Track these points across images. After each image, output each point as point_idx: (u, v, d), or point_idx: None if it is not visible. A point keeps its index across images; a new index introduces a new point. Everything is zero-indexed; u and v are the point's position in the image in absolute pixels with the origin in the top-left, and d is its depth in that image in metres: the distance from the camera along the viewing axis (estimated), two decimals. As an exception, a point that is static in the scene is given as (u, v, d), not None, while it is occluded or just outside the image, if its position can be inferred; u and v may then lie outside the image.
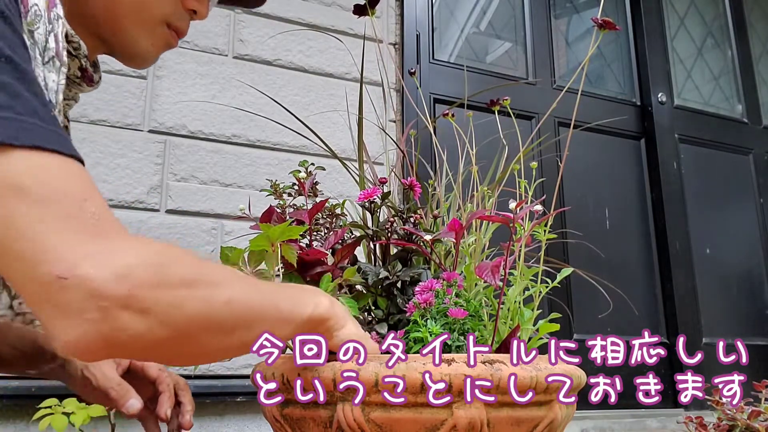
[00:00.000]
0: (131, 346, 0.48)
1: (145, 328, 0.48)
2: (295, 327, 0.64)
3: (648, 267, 2.45)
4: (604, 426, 1.94)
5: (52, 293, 0.45)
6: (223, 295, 0.54)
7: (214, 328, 0.54)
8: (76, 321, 0.45)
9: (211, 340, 0.54)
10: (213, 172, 1.73)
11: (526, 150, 1.03)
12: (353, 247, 0.88)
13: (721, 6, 3.00)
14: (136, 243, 0.51)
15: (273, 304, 0.61)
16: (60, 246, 0.45)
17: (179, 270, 0.52)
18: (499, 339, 0.79)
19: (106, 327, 0.46)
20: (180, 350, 0.53)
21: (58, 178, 0.48)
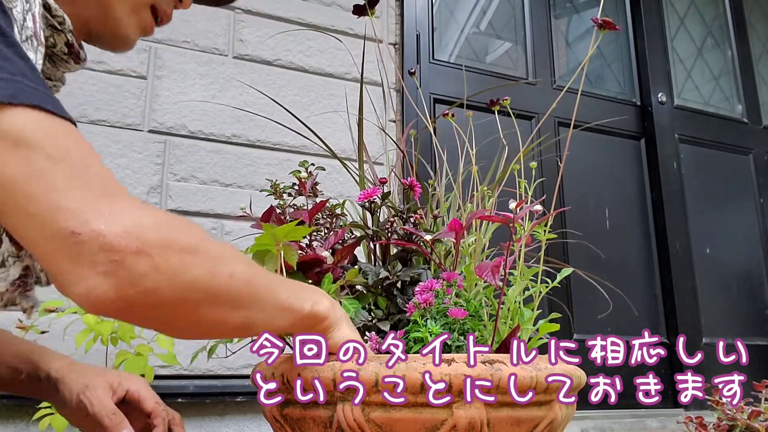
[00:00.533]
0: (139, 303, 0.50)
1: (153, 285, 0.49)
2: (294, 319, 0.64)
3: (648, 267, 2.45)
4: (604, 426, 1.94)
5: (65, 248, 0.47)
6: (227, 268, 0.56)
7: (215, 298, 0.55)
8: (88, 273, 0.47)
9: (213, 311, 0.55)
10: (213, 172, 1.73)
11: (526, 150, 1.03)
12: (353, 247, 0.88)
13: (721, 6, 3.00)
14: (145, 205, 0.52)
15: (274, 290, 0.62)
16: (73, 203, 0.47)
17: (187, 236, 0.53)
18: (499, 339, 0.79)
19: (117, 280, 0.48)
20: (182, 316, 0.54)
21: (63, 137, 0.50)
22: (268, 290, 0.61)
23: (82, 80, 1.63)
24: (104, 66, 1.66)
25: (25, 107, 0.48)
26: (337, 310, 0.70)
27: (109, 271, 0.47)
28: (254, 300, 0.59)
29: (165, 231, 0.51)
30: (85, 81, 1.63)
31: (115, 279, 0.48)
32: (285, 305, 0.63)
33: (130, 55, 1.70)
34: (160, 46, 1.75)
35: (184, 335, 0.61)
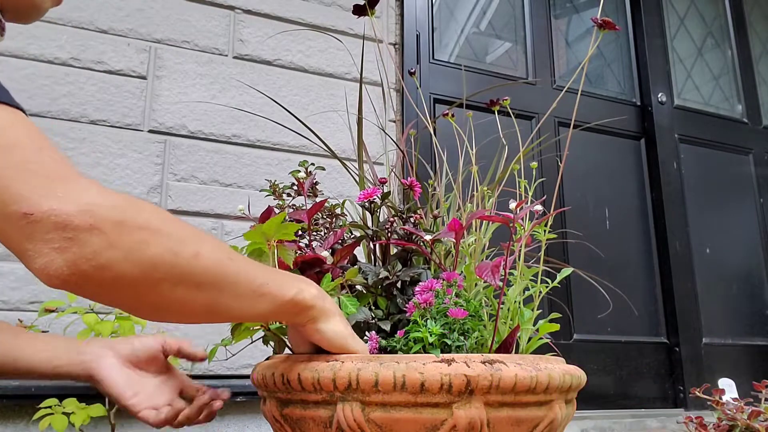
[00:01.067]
0: (95, 278, 0.51)
1: (107, 261, 0.50)
2: (273, 305, 0.64)
3: (648, 267, 2.45)
4: (604, 426, 1.94)
5: (20, 228, 0.48)
6: (190, 248, 0.56)
7: (179, 277, 0.55)
8: (44, 250, 0.49)
9: (176, 290, 0.55)
10: (213, 172, 1.73)
11: (526, 150, 1.03)
12: (353, 247, 0.88)
13: (721, 6, 3.00)
14: (103, 188, 0.53)
15: (249, 274, 0.61)
16: (24, 187, 0.49)
17: (144, 215, 0.54)
18: (499, 339, 0.79)
19: (71, 255, 0.49)
20: (147, 295, 0.54)
21: (12, 126, 0.51)
22: (241, 274, 0.60)
23: (82, 80, 1.63)
24: (104, 66, 1.66)
25: None
26: (326, 301, 0.69)
27: (62, 247, 0.49)
28: (223, 282, 0.58)
29: (121, 209, 0.52)
30: (85, 81, 1.63)
31: (69, 254, 0.49)
32: (263, 291, 0.62)
33: (130, 55, 1.70)
34: (160, 46, 1.75)
35: (150, 316, 0.60)
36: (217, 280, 0.58)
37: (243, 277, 0.61)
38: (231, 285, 0.59)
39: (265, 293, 0.62)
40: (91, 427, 1.39)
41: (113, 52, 1.68)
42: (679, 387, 2.28)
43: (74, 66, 1.63)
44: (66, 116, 1.60)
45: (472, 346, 0.75)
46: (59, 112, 1.59)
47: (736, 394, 1.44)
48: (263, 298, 0.62)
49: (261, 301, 0.62)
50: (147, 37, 1.74)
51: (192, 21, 1.79)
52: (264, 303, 0.63)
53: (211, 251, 0.57)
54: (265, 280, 0.63)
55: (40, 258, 0.49)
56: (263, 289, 0.62)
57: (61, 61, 1.62)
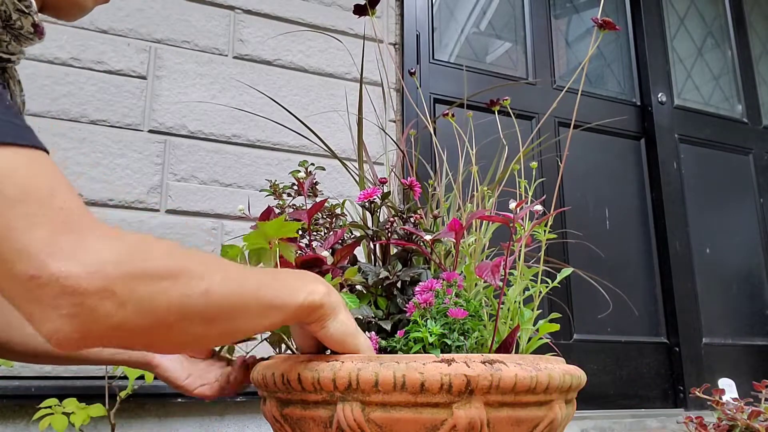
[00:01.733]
0: (110, 337, 0.49)
1: (121, 320, 0.48)
2: (286, 314, 0.64)
3: (648, 267, 2.45)
4: (604, 426, 1.94)
5: (27, 291, 0.46)
6: (200, 287, 0.54)
7: (190, 318, 0.54)
8: (51, 316, 0.46)
9: (188, 329, 0.54)
10: (213, 172, 1.73)
11: (526, 150, 1.03)
12: (353, 247, 0.88)
13: (721, 6, 3.01)
14: (108, 236, 0.50)
15: (257, 294, 0.60)
16: (31, 244, 0.46)
17: (154, 262, 0.51)
18: (499, 339, 0.79)
19: (81, 321, 0.47)
20: (162, 338, 0.54)
21: (20, 174, 0.48)
22: (251, 297, 0.60)
23: (82, 80, 1.63)
24: (104, 66, 1.66)
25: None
26: (332, 295, 0.69)
27: (71, 313, 0.46)
28: (235, 312, 0.58)
29: (130, 262, 0.49)
30: (85, 81, 1.63)
31: (78, 320, 0.47)
32: (274, 303, 0.62)
33: (130, 55, 1.70)
34: (160, 46, 1.75)
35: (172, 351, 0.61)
36: (228, 312, 0.57)
37: (254, 300, 0.60)
38: (242, 311, 0.59)
39: (275, 306, 0.62)
40: (91, 427, 1.40)
41: (113, 52, 1.68)
42: (679, 387, 2.28)
43: (74, 66, 1.63)
44: (66, 116, 1.60)
45: (472, 346, 0.75)
46: (59, 112, 1.59)
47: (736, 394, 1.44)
48: (274, 311, 0.62)
49: (272, 315, 0.62)
50: (147, 37, 1.74)
51: (192, 21, 1.79)
52: (276, 315, 0.63)
53: (220, 283, 0.56)
54: (275, 292, 0.62)
55: (47, 323, 0.46)
56: (274, 301, 0.62)
57: (61, 61, 1.62)
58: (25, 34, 0.65)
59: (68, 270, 0.46)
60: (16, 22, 0.62)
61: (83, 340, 0.48)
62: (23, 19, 0.63)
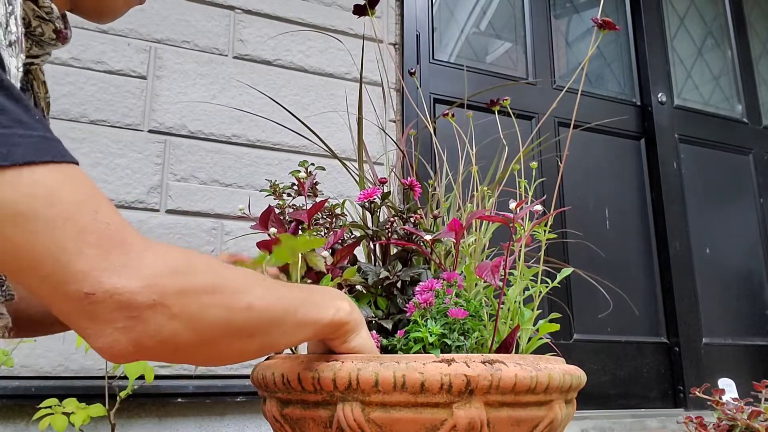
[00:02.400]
0: (159, 350, 0.51)
1: (172, 333, 0.50)
2: (315, 330, 0.66)
3: (648, 267, 2.45)
4: (604, 426, 1.94)
5: (82, 308, 0.47)
6: (243, 301, 0.56)
7: (234, 332, 0.56)
8: (107, 330, 0.48)
9: (232, 344, 0.56)
10: (213, 172, 1.73)
11: (526, 150, 1.03)
12: (353, 247, 0.88)
13: (721, 6, 3.00)
14: (157, 250, 0.51)
15: (292, 310, 0.62)
16: (83, 264, 0.46)
17: (202, 277, 0.53)
18: (499, 339, 0.79)
19: (136, 334, 0.48)
20: (204, 354, 0.55)
21: (62, 192, 0.48)
22: (286, 312, 0.62)
23: (82, 80, 1.63)
24: (104, 66, 1.66)
25: (20, 167, 0.46)
26: (355, 313, 0.71)
27: (127, 327, 0.48)
28: (272, 325, 0.60)
29: (181, 276, 0.51)
30: (85, 81, 1.63)
31: (133, 333, 0.48)
32: (305, 320, 0.64)
33: (130, 55, 1.70)
34: (160, 46, 1.75)
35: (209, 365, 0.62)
36: (267, 326, 0.59)
37: (289, 314, 0.62)
38: (279, 326, 0.60)
39: (307, 322, 0.64)
40: (91, 427, 1.40)
41: (113, 52, 1.68)
42: (679, 387, 2.28)
43: (74, 66, 1.63)
44: (66, 116, 1.60)
45: (472, 346, 0.75)
46: (59, 112, 1.59)
47: (736, 394, 1.44)
48: (306, 327, 0.64)
49: (304, 330, 0.64)
50: (147, 37, 1.74)
51: (192, 21, 1.79)
52: (307, 331, 0.65)
53: (260, 297, 0.58)
54: (306, 309, 0.64)
55: (102, 338, 0.48)
56: (306, 318, 0.64)
57: (61, 61, 1.62)
58: (47, 40, 0.65)
59: (122, 285, 0.47)
60: (36, 29, 0.62)
61: (136, 353, 0.50)
62: (44, 26, 0.63)
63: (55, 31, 0.64)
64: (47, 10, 0.62)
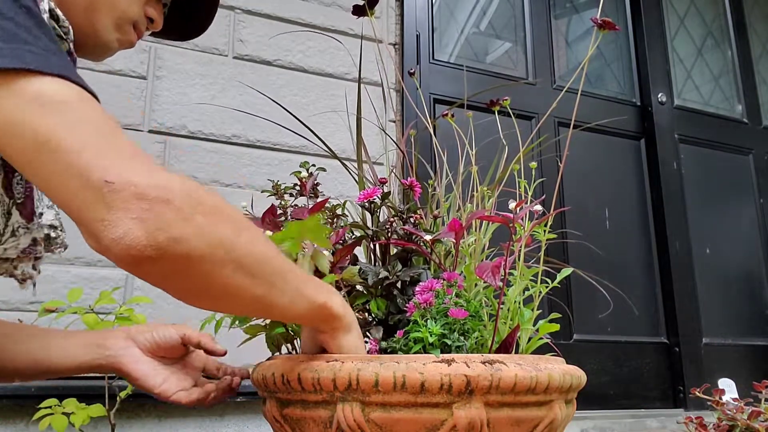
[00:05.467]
0: (167, 252, 0.52)
1: (181, 234, 0.52)
2: (311, 308, 0.66)
3: (648, 267, 2.45)
4: (604, 426, 1.94)
5: (100, 195, 0.50)
6: (245, 235, 0.58)
7: (238, 261, 0.57)
8: (122, 218, 0.50)
9: (235, 276, 0.57)
10: (213, 172, 1.73)
11: (526, 150, 1.03)
12: (353, 247, 0.88)
13: (721, 6, 3.00)
14: (171, 171, 0.56)
15: (292, 271, 0.64)
16: (106, 159, 0.51)
17: (212, 198, 0.57)
18: (499, 339, 0.79)
19: (149, 225, 0.51)
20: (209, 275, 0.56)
21: (91, 106, 0.55)
22: (287, 271, 0.63)
23: (82, 80, 1.63)
24: (104, 66, 1.66)
25: (56, 77, 0.53)
26: (348, 312, 0.71)
27: (141, 217, 0.50)
28: (274, 275, 0.61)
29: (194, 191, 0.54)
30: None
31: (147, 224, 0.50)
32: (303, 291, 0.65)
33: (130, 55, 1.70)
34: (160, 46, 1.75)
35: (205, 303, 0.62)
36: (268, 272, 0.60)
37: (290, 274, 0.63)
38: (280, 280, 0.62)
39: (304, 294, 0.65)
40: (91, 427, 1.40)
41: (113, 52, 1.68)
42: (679, 387, 2.28)
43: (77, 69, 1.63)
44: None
45: (472, 346, 0.75)
46: (59, 112, 1.59)
47: (736, 394, 1.44)
48: (303, 298, 0.65)
49: (301, 302, 0.65)
50: (147, 37, 1.73)
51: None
52: (303, 303, 0.65)
53: (262, 242, 0.61)
54: (303, 282, 0.65)
55: (117, 228, 0.50)
56: (303, 290, 0.65)
57: (61, 61, 1.62)
58: None
59: (139, 180, 0.51)
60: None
61: (148, 247, 0.51)
62: (61, 45, 0.64)
63: (68, 52, 0.67)
64: (65, 30, 0.65)
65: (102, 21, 0.72)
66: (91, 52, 0.75)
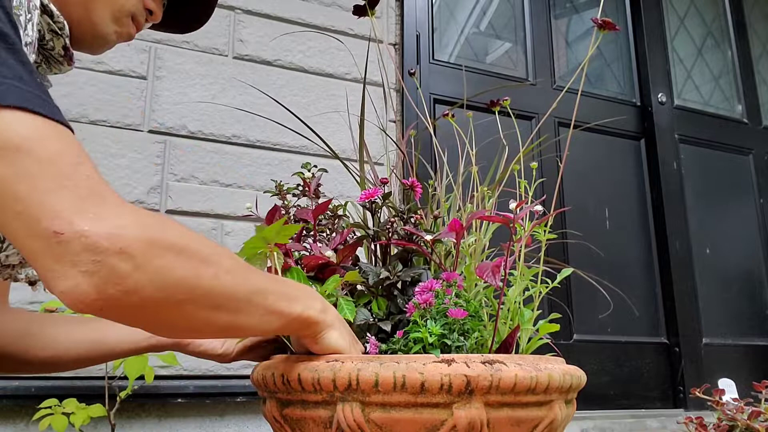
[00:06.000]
0: (121, 302, 0.50)
1: (135, 284, 0.50)
2: (284, 322, 0.65)
3: (648, 267, 2.45)
4: (604, 426, 1.94)
5: (49, 247, 0.47)
6: (212, 270, 0.56)
7: (200, 299, 0.55)
8: (71, 272, 0.48)
9: (197, 312, 0.55)
10: (213, 172, 1.73)
11: (526, 150, 1.03)
12: (355, 247, 0.88)
13: (721, 6, 3.00)
14: (129, 207, 0.52)
15: (261, 295, 0.62)
16: (57, 204, 0.48)
17: (171, 235, 0.53)
18: (499, 339, 0.79)
19: (99, 279, 0.48)
20: (168, 317, 0.54)
21: (53, 139, 0.51)
22: (255, 293, 0.61)
23: (82, 80, 1.63)
24: (104, 66, 1.66)
25: (16, 109, 0.49)
26: (328, 313, 0.71)
27: (90, 270, 0.48)
28: (240, 303, 0.59)
29: (150, 231, 0.51)
30: (85, 81, 1.63)
31: (96, 278, 0.48)
32: (273, 309, 0.63)
33: (130, 55, 1.70)
34: (160, 46, 1.75)
35: (169, 335, 0.62)
36: (234, 301, 0.59)
37: (257, 295, 0.61)
38: (246, 305, 0.60)
39: (275, 311, 0.64)
40: (91, 428, 1.40)
41: (113, 53, 1.68)
42: (679, 387, 2.28)
43: (74, 66, 1.63)
44: (66, 116, 1.60)
45: (472, 347, 0.75)
46: (59, 113, 1.59)
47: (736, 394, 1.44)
48: (272, 316, 0.64)
49: (272, 319, 0.64)
50: (147, 37, 1.74)
51: (192, 21, 1.79)
52: (274, 320, 0.64)
53: (228, 271, 0.58)
54: (275, 298, 0.64)
55: (66, 280, 0.48)
56: (273, 307, 0.63)
57: (61, 62, 1.62)
58: (56, 56, 0.68)
59: (90, 229, 0.48)
60: (49, 42, 0.65)
61: (99, 300, 0.49)
62: (55, 41, 0.65)
63: (64, 47, 0.67)
64: (60, 26, 0.64)
65: (99, 14, 0.70)
66: (89, 45, 0.73)
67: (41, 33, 0.63)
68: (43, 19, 0.61)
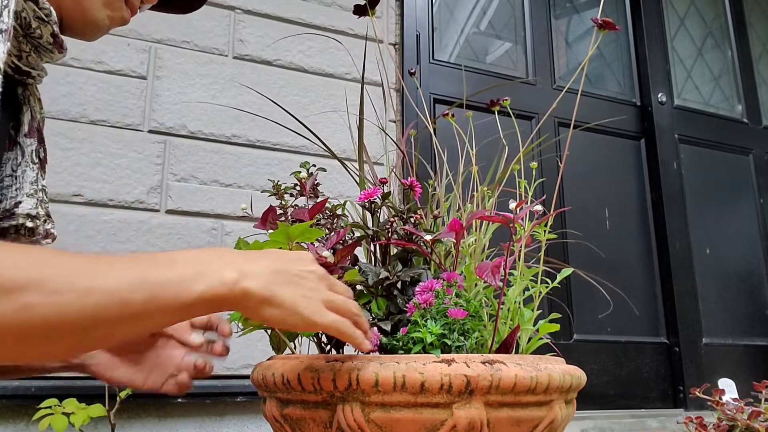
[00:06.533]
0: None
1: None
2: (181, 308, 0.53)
3: (648, 267, 2.45)
4: (604, 426, 1.94)
5: None
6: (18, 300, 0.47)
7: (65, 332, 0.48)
8: None
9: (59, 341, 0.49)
10: (213, 172, 1.73)
11: (526, 150, 1.03)
12: (353, 247, 0.88)
13: (721, 6, 3.00)
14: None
15: (115, 299, 0.50)
16: None
17: (15, 273, 0.46)
18: (499, 339, 0.79)
19: None
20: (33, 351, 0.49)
21: None
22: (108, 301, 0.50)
23: (82, 80, 1.63)
24: (104, 66, 1.66)
25: None
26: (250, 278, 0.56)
27: None
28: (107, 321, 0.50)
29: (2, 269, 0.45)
30: (85, 81, 1.63)
31: None
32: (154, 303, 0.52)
33: (130, 55, 1.70)
34: (160, 46, 1.75)
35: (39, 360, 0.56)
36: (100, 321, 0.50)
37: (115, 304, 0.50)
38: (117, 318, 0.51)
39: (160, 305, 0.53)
40: (91, 428, 1.40)
41: (113, 52, 1.68)
42: (679, 387, 2.28)
43: (74, 66, 1.63)
44: (66, 116, 1.60)
45: (472, 347, 0.75)
46: (59, 112, 1.59)
47: (736, 394, 1.44)
48: (156, 312, 0.53)
49: (154, 316, 0.53)
50: (147, 37, 1.74)
51: (192, 21, 1.79)
52: (159, 316, 0.53)
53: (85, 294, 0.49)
54: (153, 287, 0.52)
55: None
56: (154, 301, 0.52)
57: (61, 62, 1.61)
58: (45, 44, 0.65)
59: None
60: (36, 30, 0.63)
61: None
62: (43, 28, 0.63)
63: (53, 35, 0.65)
64: (46, 12, 0.62)
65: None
66: (81, 31, 0.70)
67: (27, 20, 0.61)
68: (27, 5, 0.59)
